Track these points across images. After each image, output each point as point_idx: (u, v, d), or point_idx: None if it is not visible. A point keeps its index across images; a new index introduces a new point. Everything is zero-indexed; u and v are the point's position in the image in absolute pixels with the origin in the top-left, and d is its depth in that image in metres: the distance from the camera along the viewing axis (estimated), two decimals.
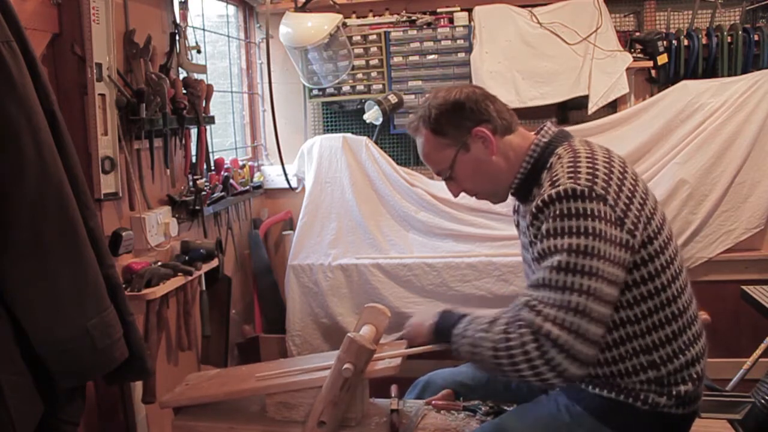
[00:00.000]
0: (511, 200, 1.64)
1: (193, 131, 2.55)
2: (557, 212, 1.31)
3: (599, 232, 1.28)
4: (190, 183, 2.57)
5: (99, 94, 1.98)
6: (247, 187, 3.11)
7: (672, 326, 1.39)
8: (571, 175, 1.34)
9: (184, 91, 2.44)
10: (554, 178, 1.36)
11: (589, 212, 1.29)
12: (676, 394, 1.39)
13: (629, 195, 1.36)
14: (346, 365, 1.54)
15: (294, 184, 3.36)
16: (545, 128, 1.53)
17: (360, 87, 3.28)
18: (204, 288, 2.56)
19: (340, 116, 3.46)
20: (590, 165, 1.37)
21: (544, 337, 1.26)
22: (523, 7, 3.17)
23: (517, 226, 1.65)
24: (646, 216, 1.37)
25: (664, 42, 3.05)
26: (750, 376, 2.57)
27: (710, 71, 3.07)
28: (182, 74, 2.57)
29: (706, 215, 2.94)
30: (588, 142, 1.51)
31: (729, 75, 3.02)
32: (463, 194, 1.62)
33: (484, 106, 1.50)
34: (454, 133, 1.50)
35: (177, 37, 2.47)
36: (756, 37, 3.00)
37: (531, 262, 1.47)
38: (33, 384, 1.36)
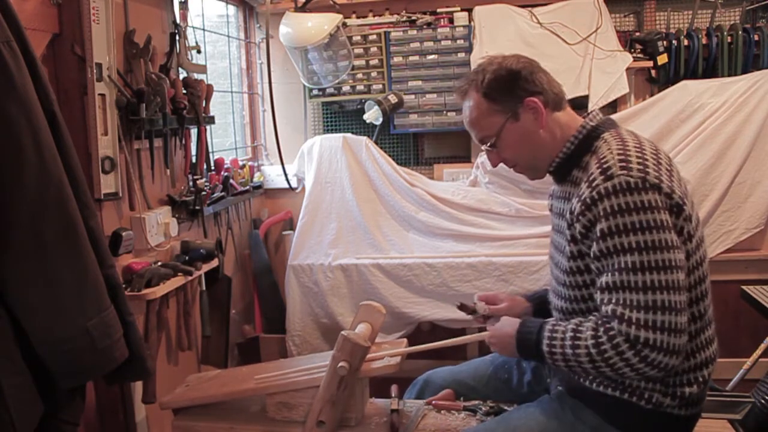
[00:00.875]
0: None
1: (193, 131, 2.55)
2: (615, 208, 1.30)
3: (660, 223, 1.28)
4: (190, 183, 2.57)
5: (99, 94, 1.98)
6: (247, 187, 3.11)
7: (691, 327, 1.38)
8: (623, 164, 1.32)
9: (184, 91, 2.44)
10: (605, 165, 1.34)
11: (647, 204, 1.29)
12: (681, 395, 1.39)
13: (678, 184, 1.37)
14: (341, 363, 1.54)
15: (294, 184, 3.36)
16: (593, 113, 1.52)
17: (360, 87, 3.28)
18: (204, 288, 2.56)
19: (340, 116, 3.46)
20: (639, 153, 1.36)
21: (641, 344, 1.26)
22: (523, 7, 3.17)
23: (550, 208, 1.63)
24: (690, 212, 1.37)
25: (664, 42, 3.05)
26: (750, 376, 2.57)
27: (710, 71, 3.07)
28: (182, 74, 2.57)
29: (706, 215, 2.94)
30: (634, 132, 1.49)
31: (729, 75, 3.02)
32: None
33: (539, 77, 1.48)
34: (506, 100, 1.47)
35: (177, 37, 2.47)
36: (756, 37, 3.00)
37: (563, 246, 1.45)
38: (33, 384, 1.36)
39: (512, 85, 1.47)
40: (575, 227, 1.37)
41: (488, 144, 1.53)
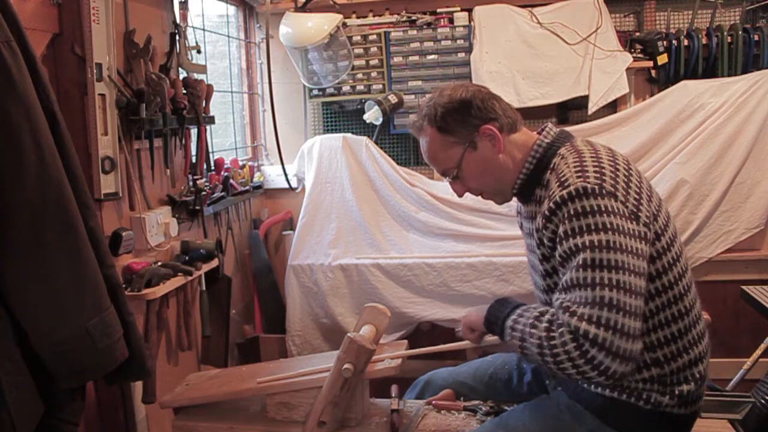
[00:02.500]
0: (511, 201, 1.63)
1: (193, 131, 2.55)
2: (572, 212, 1.31)
3: (616, 227, 1.28)
4: (190, 183, 2.56)
5: (99, 94, 1.98)
6: (247, 187, 3.11)
7: (677, 324, 1.39)
8: (579, 174, 1.34)
9: (184, 91, 2.43)
10: (562, 178, 1.36)
11: (603, 209, 1.29)
12: (679, 393, 1.39)
13: (637, 191, 1.37)
14: (346, 365, 1.54)
15: (294, 184, 3.36)
16: (547, 129, 1.52)
17: (360, 87, 3.28)
18: (204, 288, 2.56)
19: (340, 116, 3.46)
20: (596, 163, 1.37)
21: (583, 337, 1.25)
22: (523, 7, 3.17)
23: (521, 227, 1.65)
24: (653, 212, 1.38)
25: (664, 42, 3.05)
26: (750, 376, 2.57)
27: (710, 71, 3.07)
28: (182, 74, 2.57)
29: (706, 215, 2.94)
30: (590, 141, 1.50)
31: (729, 75, 3.02)
32: (462, 197, 1.62)
33: (491, 104, 1.49)
34: (461, 131, 1.49)
35: (177, 37, 2.47)
36: (756, 37, 3.00)
37: (536, 264, 1.46)
38: (33, 384, 1.36)
39: (465, 115, 1.48)
40: (544, 243, 1.38)
41: (451, 176, 1.54)
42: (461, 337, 1.62)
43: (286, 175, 3.28)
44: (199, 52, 2.62)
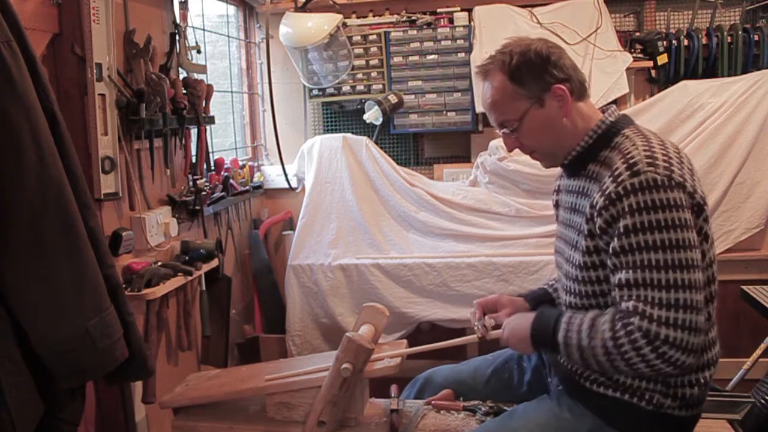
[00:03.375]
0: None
1: (193, 131, 2.55)
2: (642, 205, 1.28)
3: (684, 222, 1.28)
4: (190, 183, 2.57)
5: (99, 94, 1.98)
6: (247, 187, 3.11)
7: None
8: (650, 161, 1.31)
9: (184, 91, 2.44)
10: (630, 161, 1.32)
11: (672, 203, 1.28)
12: (682, 396, 1.39)
13: (699, 183, 1.37)
14: (345, 365, 1.54)
15: (294, 184, 3.36)
16: (611, 109, 1.49)
17: (360, 87, 3.28)
18: (204, 288, 2.56)
19: (340, 116, 3.46)
20: (664, 152, 1.35)
21: (661, 341, 1.26)
22: (523, 7, 3.17)
23: (556, 206, 1.61)
24: (708, 213, 1.38)
25: (664, 42, 3.05)
26: (750, 376, 2.57)
27: (710, 71, 3.07)
28: (182, 74, 2.57)
29: None
30: (651, 130, 1.47)
31: (729, 75, 3.02)
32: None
33: (566, 63, 1.45)
34: (533, 85, 1.42)
35: (177, 37, 2.48)
36: (756, 37, 3.00)
37: (578, 242, 1.42)
38: (33, 384, 1.36)
39: (541, 70, 1.42)
40: (595, 221, 1.34)
41: (509, 129, 1.48)
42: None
43: (286, 175, 3.28)
44: (199, 52, 2.63)
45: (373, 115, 3.14)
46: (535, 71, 1.42)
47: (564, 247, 1.53)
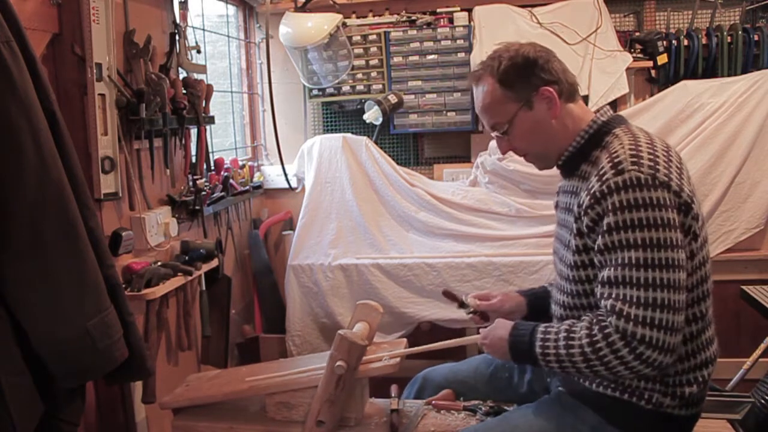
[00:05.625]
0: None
1: (193, 131, 2.55)
2: (624, 203, 1.29)
3: (667, 221, 1.28)
4: (190, 183, 2.56)
5: (99, 94, 1.98)
6: (247, 187, 3.11)
7: (691, 327, 1.39)
8: (634, 160, 1.32)
9: (184, 91, 2.44)
10: (615, 160, 1.33)
11: (655, 201, 1.28)
12: (681, 395, 1.39)
13: (687, 181, 1.37)
14: (339, 362, 1.54)
15: (294, 184, 3.36)
16: (604, 109, 1.51)
17: (360, 87, 3.28)
18: (204, 288, 2.56)
19: (340, 116, 3.46)
20: (651, 150, 1.35)
21: (638, 341, 1.27)
22: (523, 7, 3.17)
23: (556, 206, 1.62)
24: (698, 211, 1.37)
25: (664, 42, 3.05)
26: (750, 376, 2.57)
27: (710, 71, 3.07)
28: (182, 74, 2.57)
29: (706, 215, 2.93)
30: (644, 129, 1.48)
31: (729, 75, 3.02)
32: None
33: (554, 66, 1.47)
34: (521, 87, 1.46)
35: (177, 37, 2.47)
36: (756, 37, 3.00)
37: (570, 241, 1.44)
38: (33, 384, 1.36)
39: (528, 73, 1.45)
40: (582, 220, 1.36)
41: (500, 131, 1.51)
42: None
43: (285, 175, 3.28)
44: (199, 52, 2.63)
45: (373, 115, 3.14)
46: (523, 74, 1.46)
47: (559, 246, 1.55)
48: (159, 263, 2.23)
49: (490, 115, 1.51)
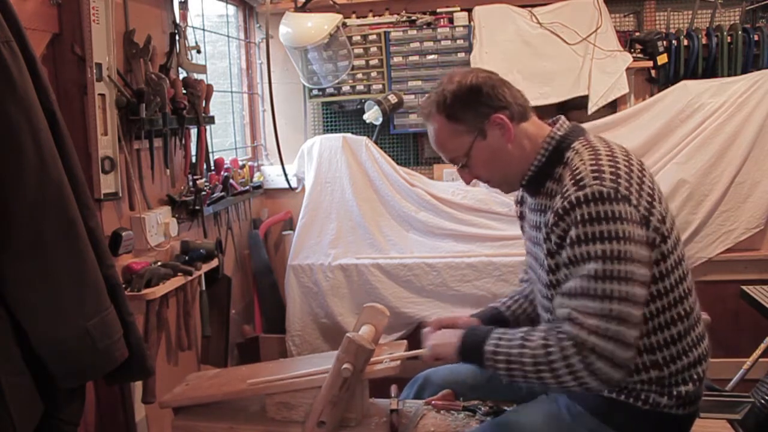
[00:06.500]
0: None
1: (193, 131, 2.55)
2: (585, 216, 1.29)
3: (628, 235, 1.28)
4: (190, 183, 2.57)
5: (99, 94, 1.98)
6: (247, 187, 3.11)
7: (678, 327, 1.39)
8: (596, 174, 1.32)
9: (184, 91, 2.44)
10: (577, 176, 1.33)
11: (617, 215, 1.28)
12: (677, 394, 1.39)
13: (650, 192, 1.36)
14: (345, 365, 1.54)
15: (294, 184, 3.36)
16: (560, 121, 1.50)
17: (360, 87, 3.28)
18: (204, 288, 2.56)
19: (340, 116, 3.46)
20: (612, 164, 1.35)
21: (589, 350, 1.26)
22: (523, 7, 3.17)
23: (521, 217, 1.63)
24: (662, 214, 1.37)
25: (664, 42, 3.05)
26: (750, 376, 2.57)
27: (710, 71, 3.07)
28: (182, 74, 2.57)
29: (706, 215, 2.94)
30: (603, 138, 1.48)
31: (729, 75, 3.02)
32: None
33: (501, 91, 1.45)
34: (470, 119, 1.45)
35: (177, 37, 2.48)
36: (756, 37, 3.00)
37: (542, 259, 1.44)
38: (33, 384, 1.36)
39: (475, 103, 1.44)
40: (551, 239, 1.37)
41: (459, 164, 1.52)
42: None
43: (285, 175, 3.28)
44: (198, 52, 2.63)
45: (373, 115, 3.14)
46: (470, 105, 1.45)
47: (534, 264, 1.55)
48: (159, 263, 2.23)
49: (447, 151, 1.51)
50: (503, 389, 1.75)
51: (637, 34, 3.19)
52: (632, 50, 3.13)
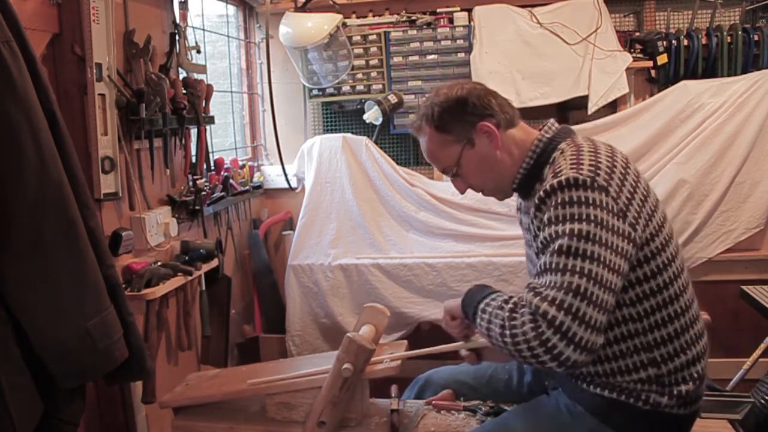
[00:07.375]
0: (512, 200, 1.64)
1: (193, 131, 2.55)
2: (559, 201, 1.31)
3: (600, 220, 1.28)
4: (190, 183, 2.56)
5: (99, 94, 1.98)
6: (247, 187, 3.11)
7: (674, 324, 1.39)
8: (574, 165, 1.34)
9: (184, 91, 2.44)
10: (557, 170, 1.36)
11: (591, 201, 1.29)
12: (677, 393, 1.39)
13: (631, 190, 1.36)
14: (346, 365, 1.54)
15: (294, 184, 3.36)
16: (548, 125, 1.53)
17: (360, 87, 3.28)
18: (204, 288, 2.56)
19: (340, 116, 3.46)
20: (593, 158, 1.37)
21: (542, 317, 1.23)
22: (523, 7, 3.17)
23: (521, 223, 1.65)
24: (647, 213, 1.37)
25: (664, 42, 3.05)
26: (750, 376, 2.57)
27: (710, 71, 3.07)
28: (182, 74, 2.57)
29: (706, 215, 2.94)
30: (591, 139, 1.50)
31: (729, 75, 3.02)
32: (464, 193, 1.63)
33: (487, 101, 1.50)
34: (458, 129, 1.50)
35: (177, 37, 2.47)
36: (756, 37, 3.00)
37: (534, 259, 1.45)
38: (33, 384, 1.36)
39: (462, 113, 1.49)
40: (538, 236, 1.37)
41: (451, 174, 1.57)
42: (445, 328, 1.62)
43: (285, 175, 3.28)
44: (198, 52, 2.62)
45: (372, 115, 3.14)
46: (457, 116, 1.50)
47: (531, 267, 1.57)
48: (159, 263, 2.23)
49: (439, 161, 1.58)
50: (503, 390, 1.76)
51: (637, 34, 3.19)
52: (632, 50, 3.13)
